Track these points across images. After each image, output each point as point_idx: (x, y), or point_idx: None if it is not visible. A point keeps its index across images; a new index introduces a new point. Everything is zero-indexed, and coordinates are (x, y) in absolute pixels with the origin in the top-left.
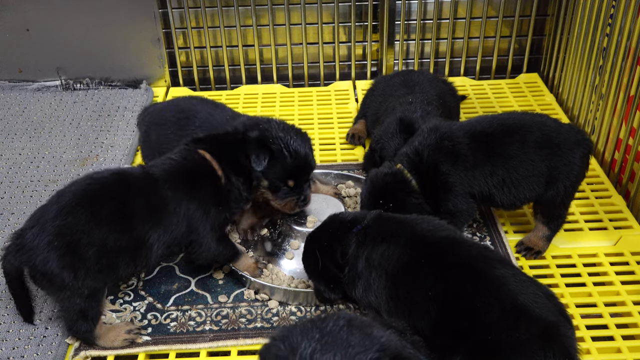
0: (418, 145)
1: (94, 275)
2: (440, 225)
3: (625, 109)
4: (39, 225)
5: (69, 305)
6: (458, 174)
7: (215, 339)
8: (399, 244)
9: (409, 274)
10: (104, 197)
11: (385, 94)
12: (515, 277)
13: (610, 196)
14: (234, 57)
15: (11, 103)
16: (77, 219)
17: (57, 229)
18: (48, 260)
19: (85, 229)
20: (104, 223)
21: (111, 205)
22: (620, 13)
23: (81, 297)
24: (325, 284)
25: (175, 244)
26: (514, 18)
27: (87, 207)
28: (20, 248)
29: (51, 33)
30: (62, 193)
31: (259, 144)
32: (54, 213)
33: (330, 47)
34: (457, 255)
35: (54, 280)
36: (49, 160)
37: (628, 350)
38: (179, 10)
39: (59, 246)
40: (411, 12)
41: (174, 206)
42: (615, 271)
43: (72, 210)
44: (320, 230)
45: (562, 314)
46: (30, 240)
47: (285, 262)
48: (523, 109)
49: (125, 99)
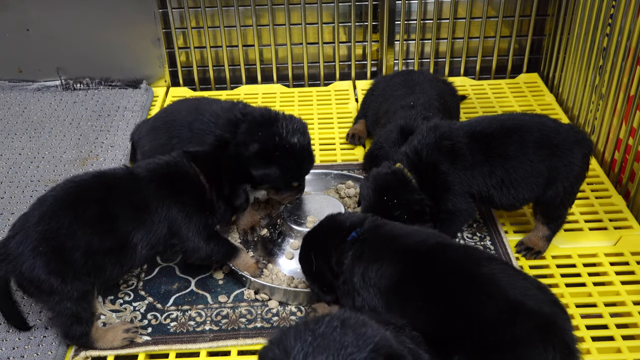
0: (417, 144)
1: (81, 278)
2: (431, 234)
3: (625, 109)
4: (22, 232)
5: (61, 309)
6: (457, 173)
7: (215, 339)
8: (392, 261)
9: (401, 288)
10: (86, 200)
11: (385, 94)
12: (505, 273)
13: (610, 196)
14: (234, 57)
15: (11, 103)
16: (60, 223)
17: (41, 235)
18: (34, 266)
19: (69, 232)
20: (88, 225)
21: (94, 207)
22: (620, 13)
23: (71, 300)
24: (319, 286)
25: (159, 243)
26: (514, 18)
27: (70, 210)
28: (5, 257)
29: (51, 33)
30: (43, 199)
31: (262, 160)
32: (37, 219)
33: (330, 47)
34: (446, 263)
35: (43, 286)
36: (49, 160)
37: (628, 351)
38: (179, 10)
39: (44, 252)
40: (411, 12)
41: (155, 206)
42: (615, 271)
43: (54, 215)
44: (317, 232)
45: (556, 305)
46: (15, 249)
47: (285, 262)
48: (523, 109)
49: (125, 99)
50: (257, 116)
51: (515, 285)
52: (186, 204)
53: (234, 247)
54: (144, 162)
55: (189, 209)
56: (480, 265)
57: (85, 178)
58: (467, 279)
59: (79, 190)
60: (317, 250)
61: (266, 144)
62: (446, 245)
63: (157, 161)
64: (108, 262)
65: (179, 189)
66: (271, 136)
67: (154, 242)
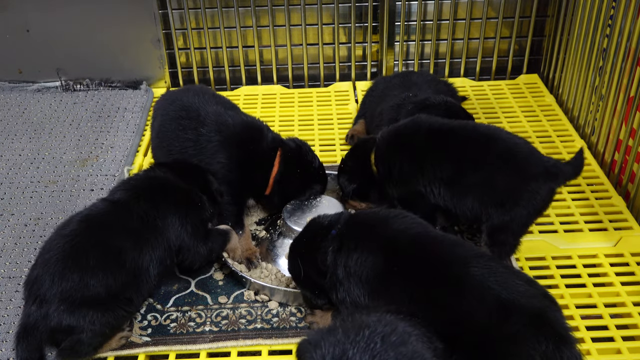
0: (393, 126)
1: (114, 312)
2: (412, 222)
3: (625, 109)
4: (39, 299)
5: (87, 341)
6: (406, 162)
7: (215, 339)
8: (372, 250)
9: (385, 285)
10: (84, 249)
11: (385, 95)
12: (493, 271)
13: (610, 197)
14: (234, 58)
15: (11, 104)
16: (72, 280)
17: (59, 297)
18: (61, 321)
19: (82, 285)
20: (97, 271)
21: (94, 252)
22: (620, 14)
23: (101, 334)
24: (311, 290)
25: (166, 256)
26: (513, 19)
27: (75, 264)
28: (34, 326)
29: (51, 34)
30: (46, 261)
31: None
32: (49, 283)
33: (330, 48)
34: (432, 262)
35: (74, 331)
36: (49, 161)
37: (628, 351)
38: (179, 11)
39: (66, 310)
40: (411, 13)
41: (152, 221)
42: (616, 272)
43: (63, 275)
44: (300, 238)
45: (546, 297)
46: (37, 315)
47: (285, 262)
48: (523, 109)
49: (125, 100)
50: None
51: (506, 284)
52: (177, 208)
53: (224, 232)
54: (117, 187)
55: (180, 211)
56: (470, 266)
57: (73, 228)
58: (456, 280)
59: (73, 243)
60: (302, 256)
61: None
62: (430, 238)
63: (133, 181)
64: (133, 294)
65: (166, 195)
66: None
67: (162, 256)
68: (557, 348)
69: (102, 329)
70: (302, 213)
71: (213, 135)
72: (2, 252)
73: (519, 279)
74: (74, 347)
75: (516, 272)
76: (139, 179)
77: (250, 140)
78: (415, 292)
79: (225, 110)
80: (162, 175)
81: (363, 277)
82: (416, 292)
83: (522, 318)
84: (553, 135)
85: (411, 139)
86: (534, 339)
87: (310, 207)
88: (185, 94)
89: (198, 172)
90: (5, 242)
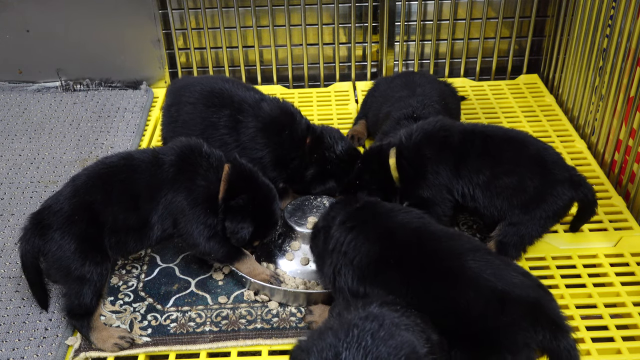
0: (415, 128)
1: (105, 251)
2: (415, 216)
3: (625, 110)
4: (57, 204)
5: (75, 280)
6: (439, 163)
7: (215, 340)
8: (368, 237)
9: (380, 274)
10: (113, 179)
11: (386, 96)
12: (489, 264)
13: (611, 197)
14: (234, 58)
15: (11, 104)
16: (94, 197)
17: (75, 206)
18: (65, 233)
19: (101, 207)
20: (115, 202)
21: (119, 186)
22: (620, 14)
23: (89, 272)
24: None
25: (169, 226)
26: (514, 19)
27: (101, 187)
28: (40, 226)
29: (51, 34)
30: (76, 177)
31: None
32: (71, 193)
33: (330, 48)
34: (429, 256)
35: (66, 253)
36: (48, 161)
37: (628, 352)
38: (179, 11)
39: (78, 220)
40: (411, 13)
41: (166, 190)
42: (616, 272)
43: (88, 191)
44: (323, 217)
45: (541, 287)
46: (49, 218)
47: (285, 263)
48: (523, 109)
49: (125, 100)
50: None
51: (501, 276)
52: (194, 197)
53: (237, 249)
54: (177, 141)
55: (194, 202)
56: (466, 259)
57: (114, 160)
58: (452, 273)
59: (108, 171)
60: (323, 231)
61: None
62: (428, 233)
63: (190, 146)
64: (130, 239)
65: (193, 179)
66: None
67: (166, 226)
68: (553, 337)
69: (90, 264)
70: (303, 213)
71: (250, 121)
72: (2, 252)
73: (514, 271)
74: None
75: (512, 265)
76: (195, 151)
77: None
78: (411, 283)
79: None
80: (213, 168)
81: (355, 262)
82: (412, 282)
83: (518, 308)
84: (553, 135)
85: (445, 142)
86: (531, 329)
87: (310, 208)
88: (208, 79)
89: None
90: (5, 242)
